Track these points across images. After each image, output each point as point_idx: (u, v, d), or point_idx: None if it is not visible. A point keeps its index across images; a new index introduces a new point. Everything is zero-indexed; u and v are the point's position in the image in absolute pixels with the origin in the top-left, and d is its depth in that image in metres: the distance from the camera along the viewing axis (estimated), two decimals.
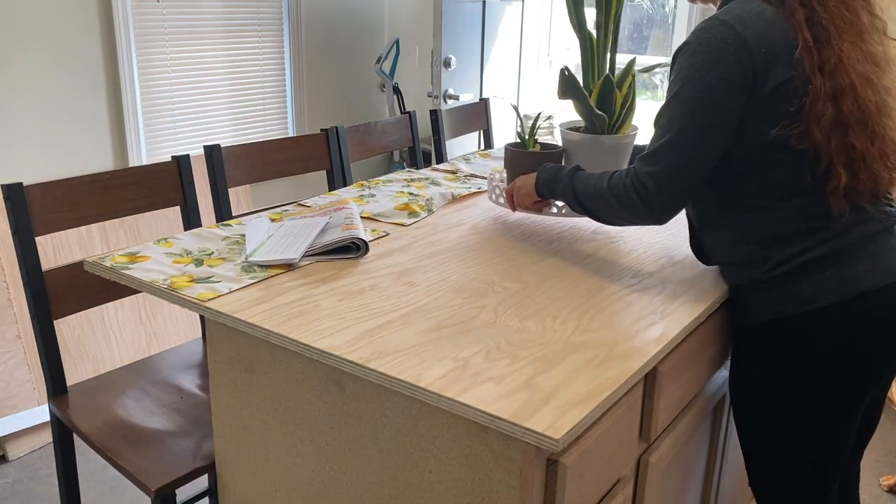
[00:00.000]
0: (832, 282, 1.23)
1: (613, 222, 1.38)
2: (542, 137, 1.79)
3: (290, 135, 3.57)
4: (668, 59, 1.38)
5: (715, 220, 1.33)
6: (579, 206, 1.40)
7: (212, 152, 1.92)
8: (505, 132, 3.88)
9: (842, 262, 1.23)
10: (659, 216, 1.30)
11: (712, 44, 1.21)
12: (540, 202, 1.54)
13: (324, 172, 2.27)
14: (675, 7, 3.52)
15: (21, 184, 1.51)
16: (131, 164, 2.94)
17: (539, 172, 1.50)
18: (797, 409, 1.30)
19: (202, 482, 2.29)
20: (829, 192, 1.21)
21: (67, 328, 2.50)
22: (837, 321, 1.24)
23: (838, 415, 1.29)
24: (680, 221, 1.64)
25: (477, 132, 3.17)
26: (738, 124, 1.23)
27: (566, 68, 1.64)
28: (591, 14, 1.75)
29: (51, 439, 2.41)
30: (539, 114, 1.74)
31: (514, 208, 1.61)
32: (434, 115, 2.57)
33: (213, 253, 1.43)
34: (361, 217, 1.66)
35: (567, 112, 1.82)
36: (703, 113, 1.23)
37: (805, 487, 1.35)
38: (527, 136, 1.69)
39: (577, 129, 1.71)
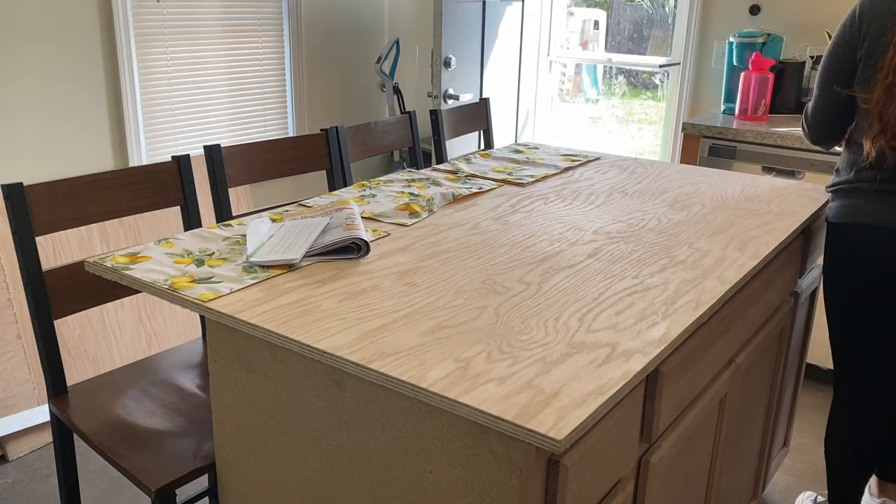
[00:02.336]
0: (847, 209, 1.75)
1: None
2: None
3: (290, 135, 3.57)
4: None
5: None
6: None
7: (212, 152, 1.92)
8: (505, 132, 3.88)
9: (859, 199, 1.73)
10: (813, 141, 1.88)
11: (849, 13, 1.70)
12: None
13: (324, 172, 2.27)
14: (675, 7, 3.52)
15: (21, 184, 1.50)
16: (131, 164, 2.94)
17: None
18: (829, 294, 1.85)
19: (202, 482, 2.29)
20: (865, 137, 1.67)
21: (67, 328, 2.49)
22: (841, 237, 1.77)
23: (846, 317, 1.82)
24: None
25: (477, 132, 3.17)
26: (852, 74, 1.70)
27: None
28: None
29: (51, 439, 2.41)
30: None
31: None
32: (434, 115, 2.57)
33: (213, 253, 1.43)
34: (362, 217, 1.66)
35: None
36: (828, 63, 1.75)
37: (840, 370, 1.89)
38: None
39: None
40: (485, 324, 1.15)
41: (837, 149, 2.39)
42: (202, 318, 1.87)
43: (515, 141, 3.84)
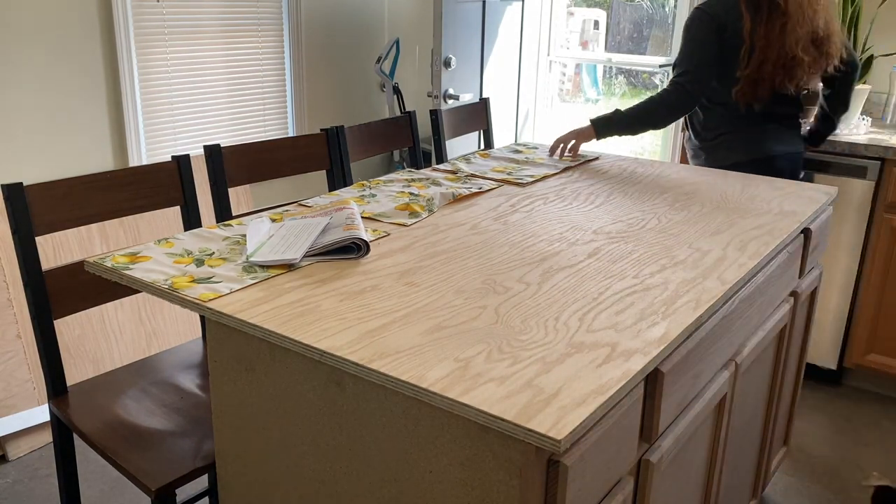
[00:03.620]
0: (727, 152, 2.38)
1: (660, 124, 2.34)
2: None
3: (290, 135, 3.57)
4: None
5: (699, 111, 2.46)
6: (637, 122, 2.34)
7: (212, 152, 1.92)
8: (505, 132, 3.88)
9: (734, 143, 2.38)
10: (685, 105, 2.34)
11: (697, 15, 2.31)
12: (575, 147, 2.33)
13: (324, 172, 2.27)
14: (675, 7, 3.52)
15: (21, 184, 1.51)
16: (131, 164, 2.94)
17: (595, 121, 2.36)
18: None
19: (202, 482, 2.29)
20: (735, 95, 2.31)
21: (67, 328, 2.49)
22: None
23: None
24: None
25: (477, 132, 3.17)
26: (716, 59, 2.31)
27: None
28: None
29: (51, 439, 2.41)
30: None
31: (553, 153, 2.31)
32: (434, 115, 2.57)
33: (213, 253, 1.43)
34: (362, 217, 1.66)
35: None
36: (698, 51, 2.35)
37: None
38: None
39: None
40: (485, 324, 1.15)
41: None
42: (202, 318, 1.87)
43: (515, 141, 3.84)
